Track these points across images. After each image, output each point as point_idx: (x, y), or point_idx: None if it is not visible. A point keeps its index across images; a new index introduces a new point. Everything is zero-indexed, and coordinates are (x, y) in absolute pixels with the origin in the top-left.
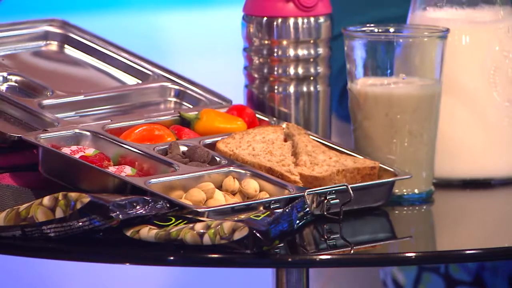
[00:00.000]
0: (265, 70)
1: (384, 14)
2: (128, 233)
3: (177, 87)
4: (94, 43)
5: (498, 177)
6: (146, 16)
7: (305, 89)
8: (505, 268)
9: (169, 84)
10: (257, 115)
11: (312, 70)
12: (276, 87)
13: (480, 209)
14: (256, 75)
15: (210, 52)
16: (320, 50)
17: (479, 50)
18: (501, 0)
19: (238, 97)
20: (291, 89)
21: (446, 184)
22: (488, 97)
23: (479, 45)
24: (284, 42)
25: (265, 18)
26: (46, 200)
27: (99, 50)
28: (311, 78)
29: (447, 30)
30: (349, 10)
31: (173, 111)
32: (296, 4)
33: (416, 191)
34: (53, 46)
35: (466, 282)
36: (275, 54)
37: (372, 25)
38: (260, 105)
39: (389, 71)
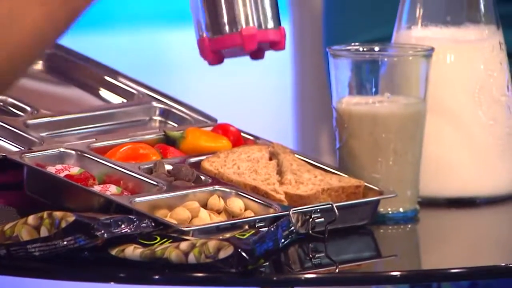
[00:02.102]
0: None
1: (380, 34)
2: (113, 252)
3: (162, 105)
4: (79, 62)
5: (483, 196)
6: (143, 34)
7: None
8: (497, 285)
9: (154, 103)
10: (242, 134)
11: None
12: None
13: (465, 227)
14: None
15: (194, 69)
16: None
17: (464, 69)
18: (486, 19)
19: (225, 115)
20: None
21: (431, 203)
22: (473, 115)
23: (464, 64)
24: None
25: None
26: (31, 219)
27: (84, 69)
28: None
29: (432, 49)
30: (354, 29)
31: (158, 130)
32: None
33: (401, 209)
34: (38, 65)
35: None
36: None
37: (357, 44)
38: None
39: (374, 89)
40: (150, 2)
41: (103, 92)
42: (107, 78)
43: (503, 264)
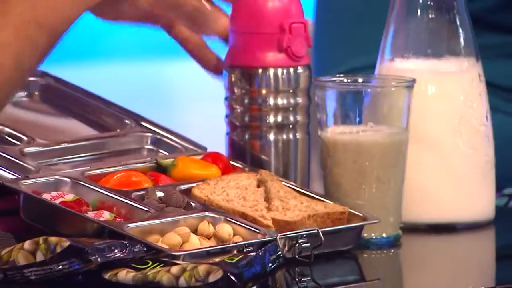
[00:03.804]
0: (246, 118)
1: (367, 61)
2: (107, 276)
3: (153, 135)
4: (73, 93)
5: (462, 222)
6: (136, 65)
7: (284, 136)
8: None
9: (145, 132)
10: (231, 162)
11: (291, 118)
12: (256, 134)
13: (445, 252)
14: (237, 123)
15: (186, 100)
16: (299, 100)
17: (444, 100)
18: (465, 51)
19: (216, 144)
20: (271, 136)
21: (413, 229)
22: (453, 145)
23: (444, 95)
24: (264, 92)
25: (246, 69)
26: (27, 244)
27: (78, 100)
28: (290, 126)
29: (414, 80)
30: (332, 61)
31: (149, 158)
32: (289, 54)
33: (384, 235)
34: (34, 96)
35: None
36: (256, 103)
37: (341, 75)
38: (241, 152)
39: (358, 119)
40: (147, 33)
41: (97, 122)
42: (100, 108)
43: (482, 287)
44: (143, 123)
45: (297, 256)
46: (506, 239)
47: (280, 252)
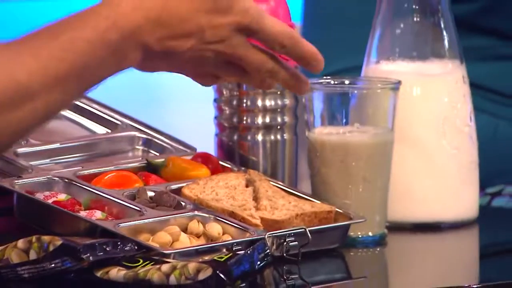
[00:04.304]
0: (235, 120)
1: (353, 63)
2: (98, 273)
3: (144, 135)
4: None
5: (447, 221)
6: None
7: (272, 137)
8: None
9: (137, 133)
10: (220, 162)
11: (279, 119)
12: (245, 135)
13: (430, 251)
14: (226, 124)
15: (176, 102)
16: (287, 101)
17: (429, 101)
18: (450, 54)
19: (205, 145)
20: (259, 137)
21: (398, 227)
22: (437, 145)
23: (429, 96)
24: (252, 93)
25: None
26: (21, 243)
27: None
28: (278, 127)
29: (399, 82)
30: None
31: (141, 158)
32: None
33: (370, 234)
34: None
35: None
36: (244, 105)
37: (328, 77)
38: (230, 153)
39: (344, 120)
40: None
41: (89, 123)
42: (92, 110)
43: (466, 285)
44: (134, 124)
45: (285, 255)
46: (489, 238)
47: (268, 251)
